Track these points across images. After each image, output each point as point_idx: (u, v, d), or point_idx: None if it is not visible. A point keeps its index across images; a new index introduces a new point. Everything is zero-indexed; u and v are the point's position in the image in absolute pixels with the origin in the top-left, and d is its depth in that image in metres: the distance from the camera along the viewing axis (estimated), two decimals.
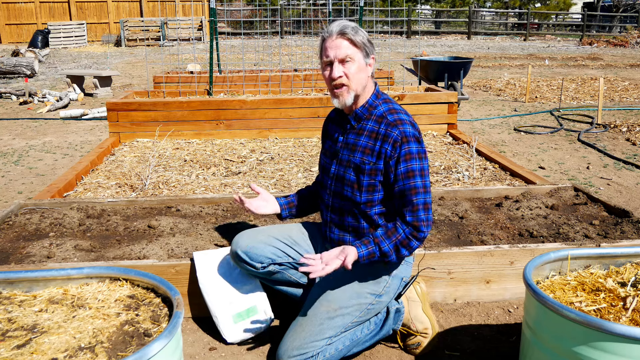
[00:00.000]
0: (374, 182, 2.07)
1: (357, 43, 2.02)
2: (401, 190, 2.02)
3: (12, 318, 1.63)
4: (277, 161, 4.73)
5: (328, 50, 2.03)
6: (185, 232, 2.89)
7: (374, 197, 2.09)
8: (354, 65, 2.03)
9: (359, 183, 2.08)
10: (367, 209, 2.10)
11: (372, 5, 11.13)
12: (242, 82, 6.90)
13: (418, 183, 2.02)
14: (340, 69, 2.02)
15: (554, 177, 4.74)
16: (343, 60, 2.02)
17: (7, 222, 2.99)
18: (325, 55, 2.04)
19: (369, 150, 2.06)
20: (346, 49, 2.01)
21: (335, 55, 2.01)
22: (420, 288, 2.27)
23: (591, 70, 13.46)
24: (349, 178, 2.11)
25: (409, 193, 2.01)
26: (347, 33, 2.01)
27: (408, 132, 2.03)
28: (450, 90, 7.41)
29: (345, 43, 2.01)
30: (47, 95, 8.87)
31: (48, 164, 5.29)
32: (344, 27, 2.02)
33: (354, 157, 2.10)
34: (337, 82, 2.03)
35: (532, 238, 2.81)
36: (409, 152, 2.01)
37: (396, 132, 2.02)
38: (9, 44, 20.33)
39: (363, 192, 2.08)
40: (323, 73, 2.09)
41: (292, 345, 1.96)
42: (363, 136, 2.10)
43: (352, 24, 2.04)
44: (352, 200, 2.11)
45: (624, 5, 29.78)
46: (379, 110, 2.10)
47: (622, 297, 1.73)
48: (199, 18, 22.46)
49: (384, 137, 2.04)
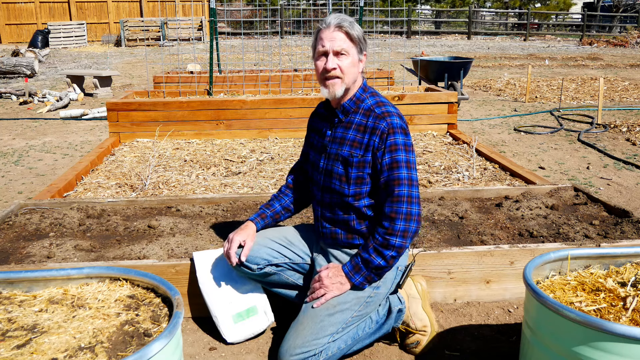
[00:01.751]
0: (362, 174, 2.08)
1: (353, 37, 2.05)
2: (385, 181, 2.04)
3: (12, 318, 1.63)
4: (277, 161, 4.73)
5: (324, 40, 2.04)
6: (185, 232, 2.89)
7: (361, 190, 2.10)
8: (348, 60, 2.05)
9: (347, 176, 2.09)
10: (355, 202, 2.11)
11: (372, 5, 11.13)
12: (242, 82, 6.90)
13: (402, 174, 2.02)
14: (335, 61, 2.04)
15: (554, 177, 4.74)
16: (338, 52, 2.04)
17: (7, 222, 2.99)
18: (321, 45, 2.05)
19: (357, 144, 2.08)
20: (342, 42, 2.03)
21: (331, 47, 2.03)
22: (421, 285, 2.28)
23: (591, 70, 13.46)
24: (337, 171, 2.12)
25: (392, 184, 2.02)
26: (344, 26, 2.03)
27: (395, 123, 2.04)
28: (450, 90, 7.41)
29: (342, 36, 2.03)
30: (47, 95, 8.87)
31: (48, 164, 5.29)
32: (342, 20, 2.04)
33: (342, 151, 2.11)
34: (331, 73, 2.04)
35: (532, 238, 2.81)
36: (395, 142, 2.03)
37: (384, 123, 2.04)
38: (9, 44, 20.33)
39: (351, 184, 2.09)
40: (316, 62, 2.10)
41: (294, 344, 1.96)
42: (351, 129, 2.11)
43: (349, 18, 2.06)
44: (340, 193, 2.12)
45: (624, 5, 29.78)
46: (366, 103, 2.12)
47: (622, 297, 1.73)
48: (199, 18, 22.46)
49: (372, 130, 2.06)
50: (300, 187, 2.40)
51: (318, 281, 2.08)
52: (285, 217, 2.39)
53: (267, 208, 2.36)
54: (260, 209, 2.36)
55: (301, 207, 2.43)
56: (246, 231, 2.23)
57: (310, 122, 2.37)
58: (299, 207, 2.42)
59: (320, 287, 2.07)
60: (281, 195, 2.40)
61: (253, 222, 2.29)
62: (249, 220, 2.31)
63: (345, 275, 2.06)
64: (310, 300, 2.07)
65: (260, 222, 2.31)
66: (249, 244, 2.18)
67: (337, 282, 2.06)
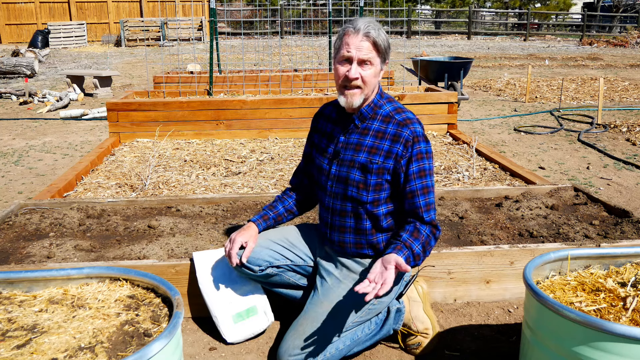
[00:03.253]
0: (381, 181, 2.05)
1: (380, 47, 1.98)
2: (413, 190, 2.02)
3: (12, 318, 1.63)
4: (277, 161, 4.73)
5: (350, 46, 1.97)
6: (185, 232, 2.89)
7: (380, 196, 2.07)
8: (371, 70, 1.99)
9: (365, 182, 2.06)
10: (374, 209, 2.08)
11: (372, 5, 11.13)
12: (242, 82, 6.90)
13: (429, 182, 2.04)
14: (358, 70, 1.98)
15: (554, 177, 4.74)
16: (363, 61, 1.97)
17: (7, 222, 2.99)
18: (347, 50, 1.97)
19: (376, 150, 2.04)
20: (368, 52, 1.96)
21: (357, 55, 1.96)
22: (422, 288, 2.27)
23: (591, 70, 13.46)
24: (354, 178, 2.07)
25: (422, 192, 2.02)
26: (372, 35, 1.95)
27: (418, 131, 2.03)
28: (450, 90, 7.41)
29: (368, 45, 1.96)
30: (47, 95, 8.87)
31: (48, 164, 5.29)
32: (371, 28, 1.96)
33: (358, 157, 2.07)
34: (353, 83, 1.99)
35: (532, 238, 2.81)
36: (420, 151, 2.02)
37: (407, 131, 2.01)
38: (9, 44, 20.33)
39: (370, 191, 2.06)
40: (336, 65, 2.02)
41: (294, 344, 1.96)
42: (369, 136, 2.07)
43: (377, 25, 1.99)
44: (357, 200, 2.08)
45: (624, 6, 29.78)
46: (384, 110, 2.08)
47: (622, 297, 1.73)
48: (199, 18, 22.46)
49: (394, 137, 2.03)
50: (304, 190, 2.37)
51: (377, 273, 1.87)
52: (288, 220, 2.37)
53: (270, 210, 2.33)
54: (263, 210, 2.33)
55: (305, 210, 2.40)
56: (248, 232, 2.21)
57: (314, 124, 2.30)
58: (303, 210, 2.40)
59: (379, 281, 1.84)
60: (285, 197, 2.37)
61: (255, 223, 2.27)
62: (250, 221, 2.29)
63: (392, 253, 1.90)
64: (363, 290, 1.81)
65: (263, 223, 2.28)
66: (250, 246, 2.17)
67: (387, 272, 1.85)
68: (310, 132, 2.32)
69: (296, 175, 2.40)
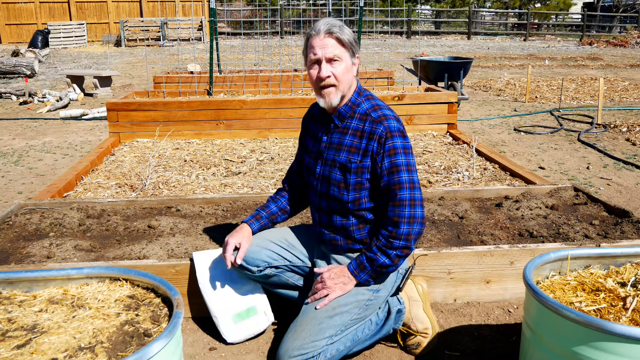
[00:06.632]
0: (361, 179, 2.07)
1: (345, 42, 2.01)
2: (386, 185, 2.02)
3: (12, 318, 1.63)
4: (277, 161, 4.73)
5: (315, 48, 2.00)
6: (185, 232, 2.89)
7: (360, 195, 2.09)
8: (342, 66, 2.02)
9: (345, 182, 2.08)
10: (355, 207, 2.10)
11: (372, 5, 11.14)
12: (242, 82, 6.90)
13: (403, 178, 2.01)
14: (329, 69, 2.01)
15: (554, 177, 4.74)
16: (331, 59, 2.00)
17: (7, 222, 2.99)
18: (313, 53, 2.01)
19: (355, 149, 2.06)
20: (334, 49, 1.99)
21: (323, 54, 1.99)
22: (422, 287, 2.27)
23: (591, 70, 13.46)
24: (335, 177, 2.10)
25: (394, 188, 2.01)
26: (334, 32, 1.99)
27: (392, 127, 2.02)
28: (450, 90, 7.41)
29: (332, 42, 1.99)
30: (47, 95, 8.87)
31: (48, 164, 5.29)
32: (331, 26, 2.00)
33: (339, 157, 2.09)
34: (326, 82, 2.01)
35: (532, 238, 2.81)
36: (393, 146, 2.01)
37: (381, 127, 2.02)
38: (9, 44, 20.32)
39: (350, 190, 2.08)
40: (309, 71, 2.06)
41: (293, 346, 1.96)
42: (348, 135, 2.09)
43: (338, 22, 2.02)
44: (339, 200, 2.10)
45: (624, 6, 29.79)
46: (362, 107, 2.10)
47: (622, 297, 1.73)
48: (199, 18, 22.46)
49: (369, 135, 2.04)
50: (297, 189, 2.39)
51: (320, 282, 2.07)
52: (282, 219, 2.38)
53: (263, 209, 2.34)
54: (256, 211, 2.35)
55: (298, 209, 2.42)
56: (241, 233, 2.22)
57: (304, 124, 2.34)
58: (296, 209, 2.41)
59: (322, 288, 2.06)
60: (277, 197, 2.39)
61: (248, 223, 2.28)
62: (243, 222, 2.30)
63: (351, 274, 2.05)
64: (312, 301, 2.06)
65: (255, 223, 2.29)
66: (244, 246, 2.18)
67: (340, 283, 2.05)
68: (301, 132, 2.36)
69: (289, 176, 2.43)
